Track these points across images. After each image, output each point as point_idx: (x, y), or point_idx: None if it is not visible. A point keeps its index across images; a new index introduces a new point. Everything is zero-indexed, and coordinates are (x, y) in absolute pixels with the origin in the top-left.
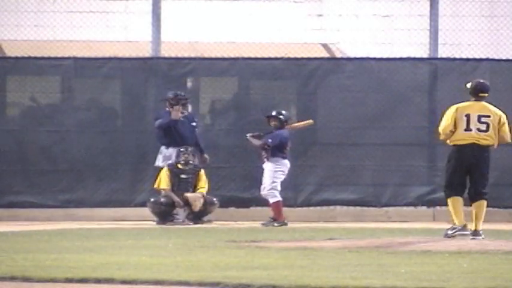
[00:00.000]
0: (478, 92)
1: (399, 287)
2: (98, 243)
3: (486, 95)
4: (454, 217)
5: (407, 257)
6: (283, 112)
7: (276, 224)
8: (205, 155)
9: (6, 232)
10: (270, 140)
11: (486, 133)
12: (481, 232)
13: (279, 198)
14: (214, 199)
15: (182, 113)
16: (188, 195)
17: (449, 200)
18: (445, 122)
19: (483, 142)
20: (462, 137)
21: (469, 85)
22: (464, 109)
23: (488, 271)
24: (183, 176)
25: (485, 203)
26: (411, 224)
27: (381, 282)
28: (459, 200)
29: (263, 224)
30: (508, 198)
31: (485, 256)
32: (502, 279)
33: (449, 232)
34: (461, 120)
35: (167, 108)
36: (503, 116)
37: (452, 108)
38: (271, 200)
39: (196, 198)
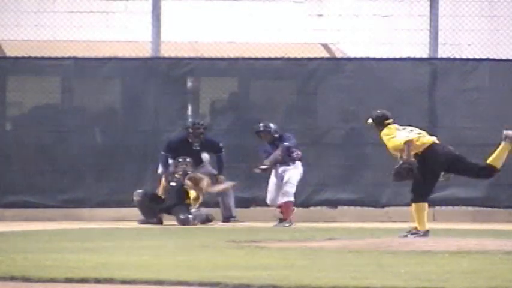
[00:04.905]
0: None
1: (399, 287)
2: (98, 243)
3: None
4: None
5: (407, 257)
6: (271, 125)
7: (286, 224)
8: (221, 176)
9: (6, 232)
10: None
11: None
12: (409, 233)
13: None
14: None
15: (197, 144)
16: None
17: None
18: None
19: None
20: None
21: (370, 121)
22: None
23: (488, 271)
24: (171, 183)
25: (414, 205)
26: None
27: (381, 282)
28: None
29: (276, 226)
30: (508, 198)
31: (485, 256)
32: (502, 279)
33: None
34: None
35: (189, 135)
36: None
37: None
38: (289, 199)
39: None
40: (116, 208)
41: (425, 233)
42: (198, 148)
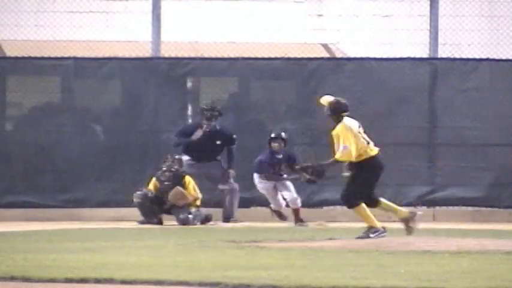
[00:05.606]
0: (342, 112)
1: (399, 287)
2: (98, 243)
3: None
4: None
5: (407, 257)
6: (283, 134)
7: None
8: (231, 171)
9: (6, 232)
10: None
11: None
12: (369, 232)
13: None
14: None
15: (208, 126)
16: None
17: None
18: None
19: None
20: None
21: (327, 102)
22: None
23: (488, 271)
24: (165, 182)
25: (354, 210)
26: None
27: (381, 282)
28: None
29: (299, 225)
30: (508, 198)
31: (485, 256)
32: (502, 279)
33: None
34: None
35: (202, 116)
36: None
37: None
38: (300, 204)
39: (176, 196)
40: (116, 208)
41: (384, 230)
42: (207, 130)
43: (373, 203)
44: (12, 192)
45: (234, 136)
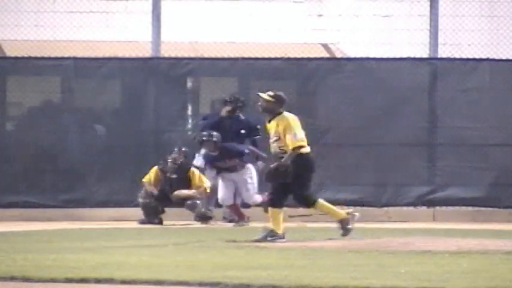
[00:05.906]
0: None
1: (399, 287)
2: (98, 243)
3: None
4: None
5: (407, 257)
6: (214, 133)
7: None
8: (259, 162)
9: (6, 232)
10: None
11: None
12: (267, 236)
13: None
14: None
15: (230, 113)
16: (179, 194)
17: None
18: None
19: None
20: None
21: (268, 96)
22: None
23: (488, 271)
24: (168, 174)
25: (272, 209)
26: (411, 224)
27: (381, 282)
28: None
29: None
30: (508, 198)
31: (485, 256)
32: (502, 279)
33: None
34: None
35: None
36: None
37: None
38: (260, 200)
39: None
40: (116, 208)
41: (283, 235)
42: (229, 121)
43: (309, 204)
44: (13, 192)
45: (259, 126)
